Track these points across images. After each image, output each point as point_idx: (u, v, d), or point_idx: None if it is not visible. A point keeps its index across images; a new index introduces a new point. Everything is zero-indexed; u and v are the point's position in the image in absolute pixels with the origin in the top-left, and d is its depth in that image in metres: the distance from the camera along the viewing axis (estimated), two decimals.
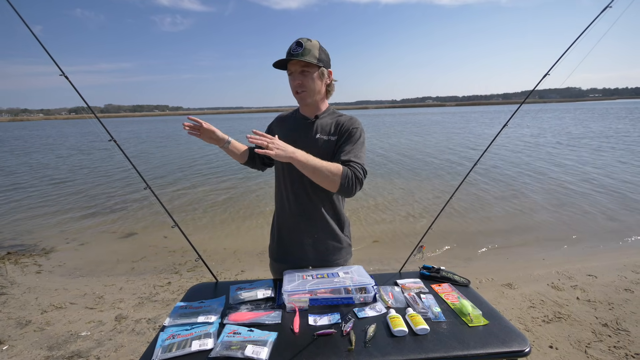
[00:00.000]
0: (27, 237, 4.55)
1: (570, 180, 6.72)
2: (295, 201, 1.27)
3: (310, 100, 1.24)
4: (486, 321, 1.01)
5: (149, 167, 10.08)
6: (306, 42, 1.16)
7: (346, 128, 1.22)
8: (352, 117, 1.27)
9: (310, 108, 1.28)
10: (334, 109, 1.32)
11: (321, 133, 1.24)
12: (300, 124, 1.29)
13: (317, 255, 1.30)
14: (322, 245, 1.29)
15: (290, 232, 1.31)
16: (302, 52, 1.15)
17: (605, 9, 1.17)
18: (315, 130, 1.25)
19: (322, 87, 1.25)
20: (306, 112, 1.30)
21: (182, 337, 0.96)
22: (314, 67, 1.18)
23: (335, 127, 1.24)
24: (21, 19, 1.12)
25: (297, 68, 1.19)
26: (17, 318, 2.52)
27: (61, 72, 1.18)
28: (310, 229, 1.27)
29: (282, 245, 1.34)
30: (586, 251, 3.71)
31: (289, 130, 1.30)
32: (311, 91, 1.21)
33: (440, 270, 1.33)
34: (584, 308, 2.45)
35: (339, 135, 1.22)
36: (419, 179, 7.30)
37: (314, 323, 1.01)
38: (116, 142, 1.31)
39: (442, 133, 18.50)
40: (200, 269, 3.37)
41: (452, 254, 3.73)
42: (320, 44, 1.20)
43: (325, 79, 1.24)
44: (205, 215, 5.32)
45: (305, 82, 1.19)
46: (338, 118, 1.27)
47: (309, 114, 1.29)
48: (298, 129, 1.27)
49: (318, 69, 1.20)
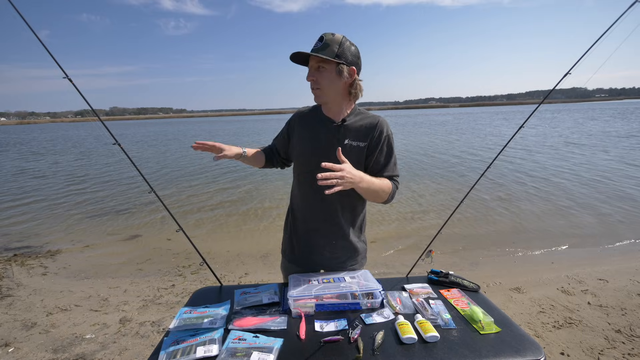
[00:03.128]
0: (33, 239, 4.59)
1: (578, 182, 6.62)
2: (320, 206, 1.24)
3: (325, 99, 1.17)
4: (498, 329, 0.98)
5: (154, 169, 10.14)
6: (327, 37, 1.11)
7: (378, 136, 1.17)
8: (381, 118, 1.20)
9: (333, 109, 1.20)
10: (359, 109, 1.24)
11: (350, 139, 1.17)
12: (326, 126, 1.21)
13: (333, 260, 1.28)
14: (340, 251, 1.28)
15: (309, 234, 1.29)
16: (321, 47, 1.10)
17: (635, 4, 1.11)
18: (343, 135, 1.18)
19: (342, 86, 1.16)
20: (330, 114, 1.22)
21: (186, 343, 0.94)
22: (331, 63, 1.11)
23: (364, 133, 1.17)
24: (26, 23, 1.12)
25: (314, 64, 1.13)
26: (23, 320, 2.53)
27: (65, 75, 1.17)
28: (330, 233, 1.26)
29: (300, 247, 1.32)
30: (596, 255, 3.64)
31: (315, 132, 1.22)
32: (326, 89, 1.14)
33: (449, 274, 1.30)
34: (596, 313, 2.39)
35: (370, 142, 1.17)
36: (427, 180, 7.24)
37: (321, 329, 0.99)
38: (120, 145, 1.30)
39: (455, 133, 18.40)
40: (204, 272, 3.36)
41: (458, 257, 3.68)
42: (345, 39, 1.12)
43: (345, 76, 1.13)
44: (209, 217, 5.33)
45: (320, 78, 1.13)
46: (367, 120, 1.20)
47: (334, 116, 1.21)
48: (324, 132, 1.20)
49: (336, 65, 1.11)
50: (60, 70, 1.17)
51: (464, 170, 8.37)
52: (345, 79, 1.15)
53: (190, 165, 10.57)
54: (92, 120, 1.36)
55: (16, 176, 9.48)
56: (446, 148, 12.61)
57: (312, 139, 1.23)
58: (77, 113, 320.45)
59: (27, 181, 8.68)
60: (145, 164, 11.33)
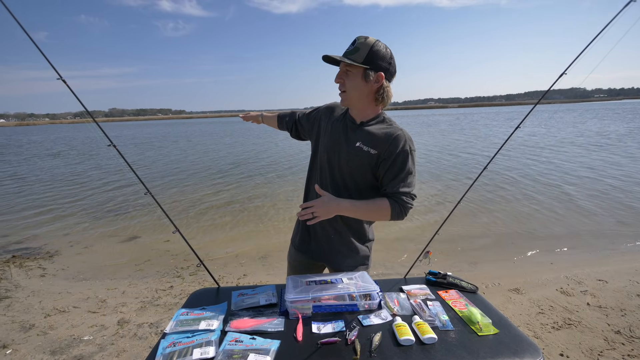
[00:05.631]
0: (32, 241, 4.58)
1: (578, 183, 6.63)
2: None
3: (349, 103, 1.18)
4: (496, 330, 0.98)
5: (152, 170, 10.13)
6: (360, 40, 1.10)
7: (393, 148, 1.13)
8: (402, 131, 1.16)
9: (357, 111, 1.20)
10: (386, 117, 1.21)
11: (362, 142, 1.16)
12: (346, 124, 1.22)
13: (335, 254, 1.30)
14: (341, 246, 1.29)
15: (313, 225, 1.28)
16: (351, 51, 1.11)
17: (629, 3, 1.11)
18: (357, 137, 1.18)
19: (368, 91, 1.14)
20: (355, 115, 1.22)
21: (183, 344, 0.94)
22: (358, 67, 1.11)
23: (379, 141, 1.15)
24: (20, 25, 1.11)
25: (342, 67, 1.15)
26: (21, 322, 2.52)
27: (59, 76, 1.17)
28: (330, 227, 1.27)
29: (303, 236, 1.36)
30: (595, 255, 3.63)
31: (335, 127, 1.25)
32: (350, 92, 1.15)
33: (447, 276, 1.30)
34: (595, 314, 2.38)
35: (381, 152, 1.14)
36: (427, 180, 7.24)
37: (318, 331, 0.99)
38: (116, 147, 1.30)
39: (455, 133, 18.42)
40: (203, 273, 3.36)
41: (457, 258, 3.68)
42: (378, 43, 1.10)
43: (371, 82, 1.12)
44: (207, 218, 5.32)
45: (347, 82, 1.14)
46: (386, 130, 1.16)
47: (357, 118, 1.21)
48: (342, 130, 1.22)
49: (363, 70, 1.11)
50: (54, 71, 1.17)
51: (466, 170, 8.37)
52: (372, 84, 1.13)
53: (190, 166, 10.57)
54: (86, 121, 1.36)
55: (14, 179, 9.46)
56: (452, 148, 12.63)
57: (328, 134, 1.26)
58: (76, 114, 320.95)
59: (25, 183, 8.66)
60: (144, 164, 11.32)
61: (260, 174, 8.25)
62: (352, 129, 1.21)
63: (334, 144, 1.23)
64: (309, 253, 1.36)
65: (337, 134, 1.23)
